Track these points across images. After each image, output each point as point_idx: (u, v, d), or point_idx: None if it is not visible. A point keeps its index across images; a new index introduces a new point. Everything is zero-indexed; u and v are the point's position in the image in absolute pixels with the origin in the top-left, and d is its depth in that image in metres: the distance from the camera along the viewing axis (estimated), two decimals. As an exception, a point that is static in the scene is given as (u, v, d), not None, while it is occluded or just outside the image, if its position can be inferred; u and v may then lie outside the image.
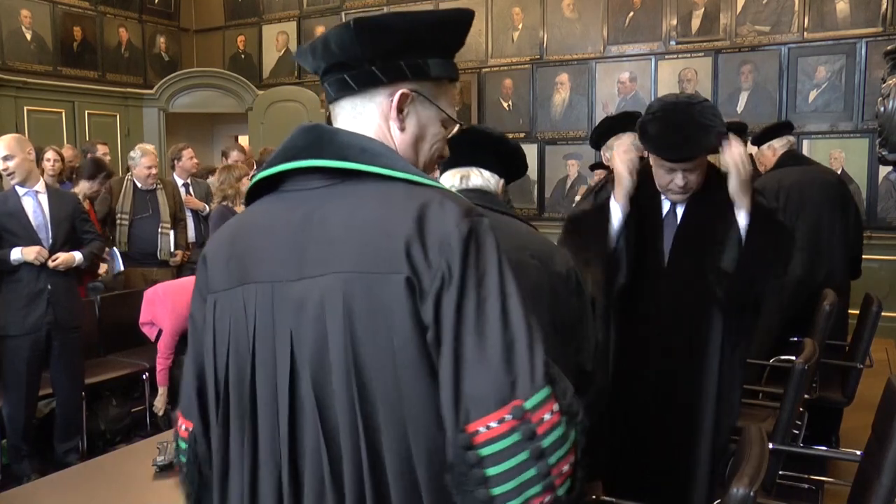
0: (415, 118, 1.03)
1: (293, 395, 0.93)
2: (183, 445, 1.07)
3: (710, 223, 2.12)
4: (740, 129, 4.26)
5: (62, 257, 3.59)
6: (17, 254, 3.48)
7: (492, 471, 0.85)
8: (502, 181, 1.62)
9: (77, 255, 3.68)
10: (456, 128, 1.10)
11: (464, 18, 1.04)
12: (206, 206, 5.12)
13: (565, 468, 0.87)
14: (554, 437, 0.86)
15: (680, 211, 2.17)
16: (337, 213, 0.95)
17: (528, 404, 0.86)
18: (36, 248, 3.50)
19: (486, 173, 1.59)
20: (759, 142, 4.00)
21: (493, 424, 0.85)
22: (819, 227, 3.68)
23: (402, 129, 1.02)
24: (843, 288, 3.80)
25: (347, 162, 0.96)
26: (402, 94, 1.00)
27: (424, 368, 0.89)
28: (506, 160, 1.64)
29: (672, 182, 2.08)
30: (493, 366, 0.86)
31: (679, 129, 2.01)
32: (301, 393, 0.93)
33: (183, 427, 1.07)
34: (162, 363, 4.13)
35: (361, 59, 0.99)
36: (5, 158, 3.51)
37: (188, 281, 4.40)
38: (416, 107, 1.02)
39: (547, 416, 0.86)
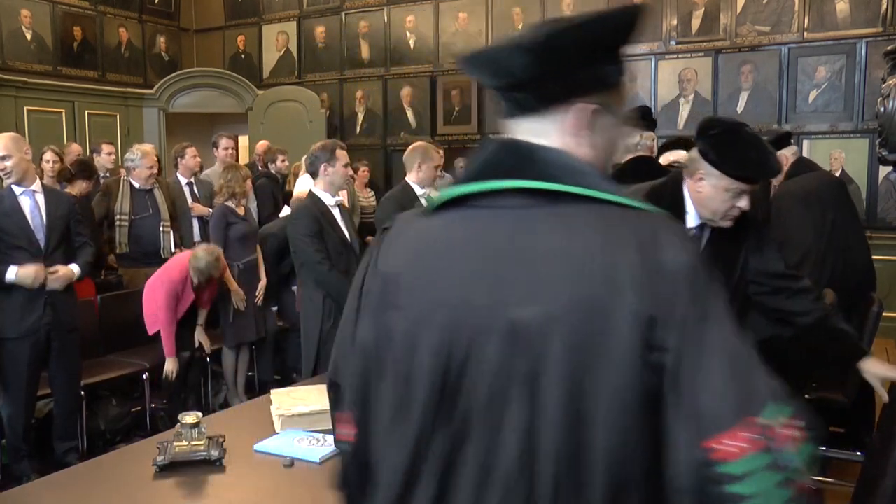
0: (601, 132, 0.98)
1: (501, 418, 0.89)
2: (344, 447, 1.06)
3: (734, 247, 2.12)
4: (785, 139, 4.21)
5: (61, 272, 3.59)
6: (11, 274, 3.46)
7: (737, 489, 0.82)
8: None
9: (75, 270, 3.69)
10: (631, 127, 1.08)
11: (635, 18, 0.96)
12: (211, 211, 5.13)
13: (809, 485, 0.84)
14: (799, 454, 0.84)
15: (704, 239, 2.13)
16: (548, 237, 0.90)
17: (772, 421, 0.84)
18: (33, 270, 3.47)
19: None
20: None
21: (735, 442, 0.83)
22: (847, 225, 3.71)
23: (590, 145, 0.97)
24: (874, 283, 3.82)
25: (559, 184, 0.91)
26: (589, 111, 0.95)
27: (647, 397, 0.86)
28: None
29: (735, 206, 2.02)
30: (730, 383, 0.84)
31: (758, 147, 1.98)
32: (502, 419, 0.89)
33: (346, 432, 1.05)
34: (165, 329, 4.13)
35: (538, 80, 0.94)
36: (2, 158, 3.50)
37: (182, 255, 4.39)
38: (600, 120, 0.97)
39: (790, 433, 0.84)
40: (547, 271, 0.88)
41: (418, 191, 3.99)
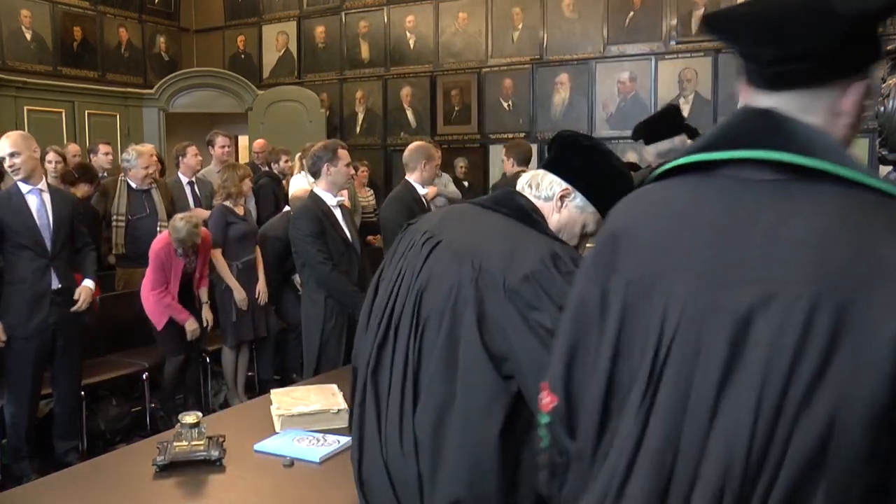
0: (859, 110, 0.89)
1: (717, 401, 0.80)
2: (544, 419, 1.00)
3: None
4: None
5: (84, 296, 3.73)
6: None
7: None
8: (567, 188, 1.50)
9: (91, 285, 3.81)
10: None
11: None
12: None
13: None
14: None
15: None
16: (795, 216, 0.81)
17: None
18: None
19: (549, 179, 1.51)
20: None
21: None
22: None
23: (848, 126, 0.89)
24: None
25: (817, 160, 0.82)
26: (863, 89, 0.88)
27: (891, 406, 0.75)
28: (590, 176, 1.50)
29: None
30: None
31: None
32: (723, 401, 0.80)
33: (546, 401, 0.99)
34: (165, 301, 4.16)
35: (828, 52, 0.84)
36: (11, 155, 3.52)
37: (162, 233, 4.39)
38: (865, 99, 0.89)
39: None
40: (789, 254, 0.80)
41: (420, 190, 4.00)
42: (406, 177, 4.07)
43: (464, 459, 1.29)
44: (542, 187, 1.51)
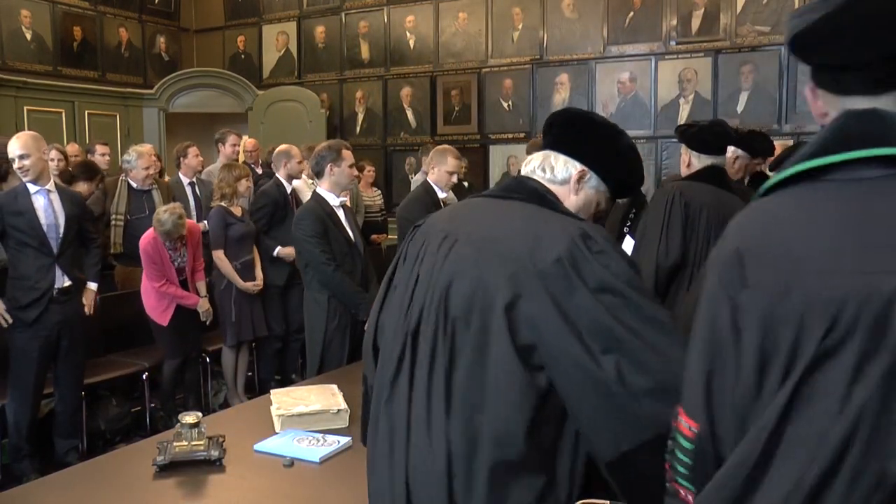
0: None
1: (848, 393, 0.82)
2: (686, 445, 1.00)
3: None
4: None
5: (88, 301, 3.89)
6: None
7: None
8: (583, 169, 1.44)
9: (94, 287, 3.95)
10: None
11: None
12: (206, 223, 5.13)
13: None
14: None
15: None
16: None
17: None
18: None
19: (563, 160, 1.45)
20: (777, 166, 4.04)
21: None
22: None
23: None
24: None
25: None
26: None
27: None
28: (601, 157, 1.45)
29: None
30: None
31: None
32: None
33: (686, 426, 1.00)
34: (170, 293, 4.20)
35: None
36: (21, 157, 3.52)
37: (147, 231, 4.36)
38: None
39: None
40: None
41: (439, 193, 3.99)
42: (427, 178, 4.07)
43: (495, 458, 1.23)
44: (557, 170, 1.44)
